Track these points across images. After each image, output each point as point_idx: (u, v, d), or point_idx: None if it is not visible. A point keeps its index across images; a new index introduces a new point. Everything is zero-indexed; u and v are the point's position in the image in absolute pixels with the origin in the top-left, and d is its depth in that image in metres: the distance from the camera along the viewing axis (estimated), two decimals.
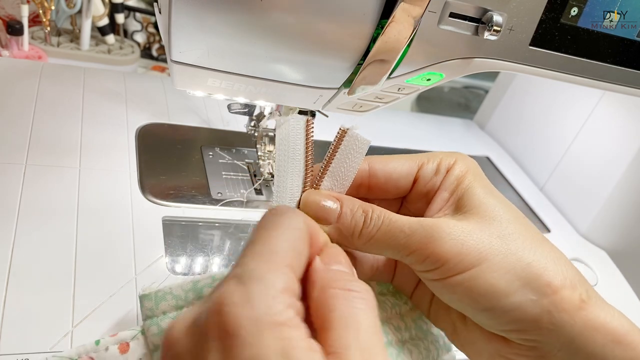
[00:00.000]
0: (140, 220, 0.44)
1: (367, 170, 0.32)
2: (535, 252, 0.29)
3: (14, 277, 0.36)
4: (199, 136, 0.59)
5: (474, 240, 0.28)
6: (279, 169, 0.31)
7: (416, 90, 0.42)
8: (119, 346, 0.31)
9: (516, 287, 0.28)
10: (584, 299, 0.28)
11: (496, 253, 0.28)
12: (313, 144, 0.32)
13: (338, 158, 0.32)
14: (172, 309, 0.31)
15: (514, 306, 0.28)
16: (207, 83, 0.38)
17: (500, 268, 0.28)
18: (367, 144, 0.31)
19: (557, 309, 0.27)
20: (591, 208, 0.66)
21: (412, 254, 0.29)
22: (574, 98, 0.72)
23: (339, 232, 0.31)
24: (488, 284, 0.28)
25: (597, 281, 0.58)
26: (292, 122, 0.31)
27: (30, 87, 0.56)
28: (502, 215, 0.30)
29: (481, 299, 0.28)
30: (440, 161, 0.32)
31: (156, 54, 0.88)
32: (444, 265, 0.28)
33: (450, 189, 0.31)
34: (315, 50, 0.35)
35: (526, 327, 0.28)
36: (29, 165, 0.46)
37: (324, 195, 0.31)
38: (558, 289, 0.28)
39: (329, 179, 0.32)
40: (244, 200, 0.51)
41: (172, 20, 0.32)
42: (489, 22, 0.35)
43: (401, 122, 0.81)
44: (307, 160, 0.32)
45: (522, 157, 0.79)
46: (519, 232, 0.29)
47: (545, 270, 0.28)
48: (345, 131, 0.31)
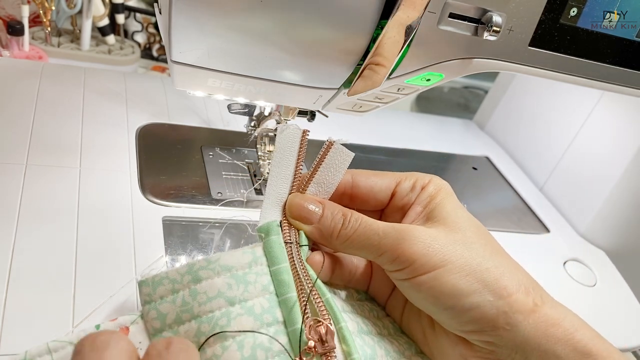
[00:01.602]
0: (140, 220, 0.44)
1: (350, 181, 0.36)
2: (494, 260, 0.32)
3: (14, 277, 0.36)
4: (199, 136, 0.59)
5: (439, 244, 0.31)
6: (273, 171, 0.35)
7: (416, 91, 0.42)
8: (119, 330, 0.31)
9: (475, 288, 0.30)
10: (537, 303, 0.31)
11: (459, 257, 0.31)
12: (305, 153, 0.35)
13: (324, 167, 0.35)
14: (169, 292, 0.31)
15: (473, 305, 0.30)
16: (207, 83, 0.38)
17: (462, 270, 0.31)
18: (351, 156, 0.35)
19: (512, 310, 0.30)
20: (590, 208, 0.66)
21: (384, 254, 0.32)
22: (574, 98, 0.72)
23: (319, 233, 0.34)
24: (450, 284, 0.30)
25: (596, 281, 0.58)
26: (291, 130, 0.34)
27: (30, 87, 0.56)
28: (466, 227, 0.33)
29: (443, 298, 0.31)
30: (416, 180, 0.36)
31: (156, 54, 0.88)
32: (411, 265, 0.31)
33: (424, 204, 0.35)
34: (315, 50, 0.35)
35: (484, 326, 0.30)
36: (29, 165, 0.46)
37: (308, 199, 0.35)
38: (513, 292, 0.30)
39: (314, 186, 0.35)
40: (244, 200, 0.51)
41: (173, 21, 0.32)
42: (489, 23, 0.35)
43: (401, 122, 0.81)
44: (297, 167, 0.35)
45: (522, 157, 0.79)
46: (480, 242, 0.33)
47: (502, 276, 0.31)
48: (332, 143, 0.35)
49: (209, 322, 0.30)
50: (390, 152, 0.71)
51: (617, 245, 0.65)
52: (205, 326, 0.30)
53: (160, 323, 0.31)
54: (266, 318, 0.31)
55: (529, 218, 0.67)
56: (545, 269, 0.58)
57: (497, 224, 0.63)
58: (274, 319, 0.31)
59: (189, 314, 0.30)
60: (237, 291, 0.31)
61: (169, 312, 0.31)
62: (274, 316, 0.31)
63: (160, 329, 0.31)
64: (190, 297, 0.31)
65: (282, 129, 0.35)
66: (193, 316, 0.30)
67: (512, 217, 0.66)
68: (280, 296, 0.32)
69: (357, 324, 0.34)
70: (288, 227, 0.35)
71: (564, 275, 0.58)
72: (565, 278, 0.57)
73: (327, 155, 0.35)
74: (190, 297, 0.31)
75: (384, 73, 0.36)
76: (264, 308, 0.31)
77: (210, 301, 0.31)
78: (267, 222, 0.34)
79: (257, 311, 0.31)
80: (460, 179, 0.72)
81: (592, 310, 0.54)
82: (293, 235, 0.34)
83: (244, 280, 0.32)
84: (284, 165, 0.35)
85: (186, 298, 0.31)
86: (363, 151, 0.68)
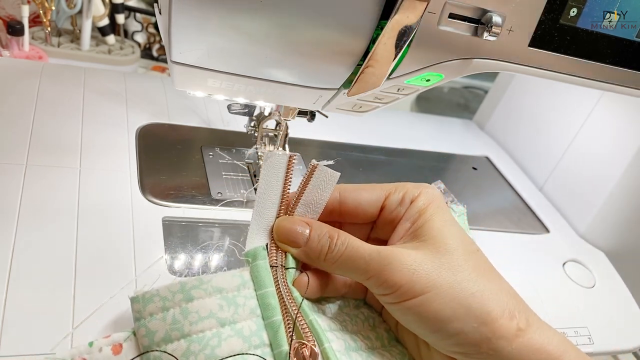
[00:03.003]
0: (140, 221, 0.44)
1: (337, 198, 0.36)
2: (480, 283, 0.32)
3: (14, 278, 0.36)
4: (199, 136, 0.59)
5: (425, 270, 0.31)
6: (259, 198, 0.35)
7: (416, 91, 0.42)
8: (112, 347, 0.31)
9: (459, 315, 0.31)
10: (521, 327, 0.31)
11: (443, 282, 0.31)
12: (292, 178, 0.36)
13: (310, 189, 0.35)
14: (159, 310, 0.31)
15: (457, 331, 0.31)
16: (207, 83, 0.38)
17: (447, 296, 0.31)
18: (336, 176, 0.35)
19: (495, 336, 0.30)
20: (590, 209, 0.66)
21: (370, 278, 0.32)
22: (573, 98, 0.72)
23: (306, 255, 0.34)
24: (435, 310, 0.31)
25: (595, 283, 0.58)
26: (277, 157, 0.35)
27: (30, 87, 0.56)
28: (454, 248, 0.33)
29: (429, 323, 0.31)
30: (405, 192, 0.36)
31: (156, 54, 0.88)
32: (397, 291, 0.31)
33: (412, 219, 0.35)
34: (315, 50, 0.35)
35: (468, 350, 0.31)
36: (29, 165, 0.46)
37: (295, 221, 0.35)
38: (497, 318, 0.30)
39: (302, 207, 0.36)
40: (244, 200, 0.51)
41: (172, 21, 0.32)
42: (488, 23, 0.35)
43: (401, 122, 0.81)
44: (284, 191, 0.36)
45: (522, 157, 0.79)
46: (468, 265, 0.32)
47: (488, 301, 0.31)
48: (315, 166, 0.35)
49: (199, 342, 0.30)
50: (390, 152, 0.71)
51: (617, 246, 0.65)
52: (195, 345, 0.30)
53: (149, 341, 0.31)
54: (254, 340, 0.32)
55: (529, 218, 0.67)
56: (545, 270, 0.58)
57: (497, 224, 0.63)
58: (260, 341, 0.32)
59: (179, 333, 0.31)
60: (228, 313, 0.32)
61: (158, 329, 0.31)
62: (260, 339, 0.32)
63: (148, 346, 0.31)
64: (182, 316, 0.31)
65: (268, 156, 0.35)
66: (183, 335, 0.31)
67: (512, 217, 0.66)
68: (267, 319, 0.33)
69: (344, 341, 0.34)
70: (275, 250, 0.35)
71: (563, 276, 0.58)
72: (564, 279, 0.57)
73: (312, 177, 0.35)
74: (181, 316, 0.31)
75: (384, 73, 0.36)
76: (252, 331, 0.32)
77: (202, 321, 0.31)
78: (254, 247, 0.35)
79: (246, 333, 0.32)
80: (460, 179, 0.72)
81: (591, 311, 0.54)
82: (279, 258, 0.35)
83: (234, 303, 0.33)
84: (270, 191, 0.35)
85: (177, 316, 0.31)
86: (363, 151, 0.68)
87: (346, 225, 0.38)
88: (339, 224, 0.37)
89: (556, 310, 0.53)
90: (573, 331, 0.51)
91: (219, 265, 0.44)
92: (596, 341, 0.52)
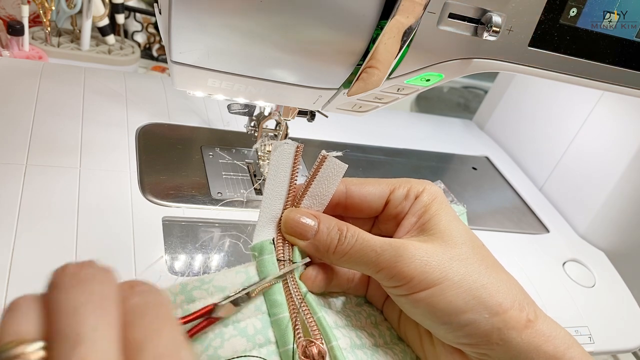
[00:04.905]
0: (140, 220, 0.44)
1: (344, 191, 0.36)
2: (490, 275, 0.32)
3: (14, 278, 0.36)
4: (199, 136, 0.59)
5: (436, 261, 0.31)
6: (267, 189, 0.35)
7: (415, 91, 0.42)
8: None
9: (471, 305, 0.31)
10: (530, 319, 0.31)
11: (455, 273, 0.31)
12: (299, 168, 0.35)
13: (318, 180, 0.35)
14: None
15: (469, 322, 0.31)
16: (207, 83, 0.38)
17: (459, 287, 0.31)
18: (344, 168, 0.35)
19: (506, 326, 0.31)
20: (590, 208, 0.66)
21: (381, 271, 0.32)
22: (573, 98, 0.72)
23: (315, 248, 0.34)
24: (447, 301, 0.31)
25: (595, 282, 0.58)
26: (285, 147, 0.34)
27: (30, 87, 0.56)
28: (462, 242, 0.33)
29: (440, 314, 0.31)
30: (410, 188, 0.36)
31: (156, 54, 0.88)
32: (409, 283, 0.31)
33: (418, 214, 0.35)
34: (314, 50, 0.35)
35: (478, 341, 0.31)
36: (29, 165, 0.46)
37: (303, 213, 0.34)
38: (508, 309, 0.31)
39: (309, 199, 0.35)
40: (244, 200, 0.51)
41: (172, 21, 0.32)
42: (488, 23, 0.35)
43: (401, 122, 0.81)
44: (291, 182, 0.35)
45: (521, 157, 0.79)
46: (476, 258, 0.33)
47: (498, 292, 0.31)
48: (325, 157, 0.35)
49: (201, 342, 0.30)
50: (389, 152, 0.71)
51: (616, 246, 0.65)
52: (197, 347, 0.30)
53: None
54: (258, 339, 0.31)
55: (529, 218, 0.67)
56: (545, 270, 0.58)
57: (497, 224, 0.63)
58: (266, 339, 0.31)
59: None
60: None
61: None
62: (266, 337, 0.32)
63: None
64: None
65: (276, 146, 0.34)
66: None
67: (512, 217, 0.66)
68: (273, 316, 0.32)
69: (350, 339, 0.34)
70: (282, 244, 0.35)
71: (563, 276, 0.58)
72: (565, 279, 0.57)
73: (321, 168, 0.35)
74: None
75: (384, 73, 0.36)
76: (257, 329, 0.32)
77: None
78: (261, 241, 0.34)
79: (250, 332, 0.31)
80: (460, 179, 0.72)
81: (591, 311, 0.54)
82: (287, 252, 0.34)
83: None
84: (278, 182, 0.35)
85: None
86: (363, 151, 0.68)
87: (348, 219, 0.37)
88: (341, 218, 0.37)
89: (556, 309, 0.53)
90: (574, 330, 0.51)
91: (219, 265, 0.44)
92: (597, 341, 0.52)
